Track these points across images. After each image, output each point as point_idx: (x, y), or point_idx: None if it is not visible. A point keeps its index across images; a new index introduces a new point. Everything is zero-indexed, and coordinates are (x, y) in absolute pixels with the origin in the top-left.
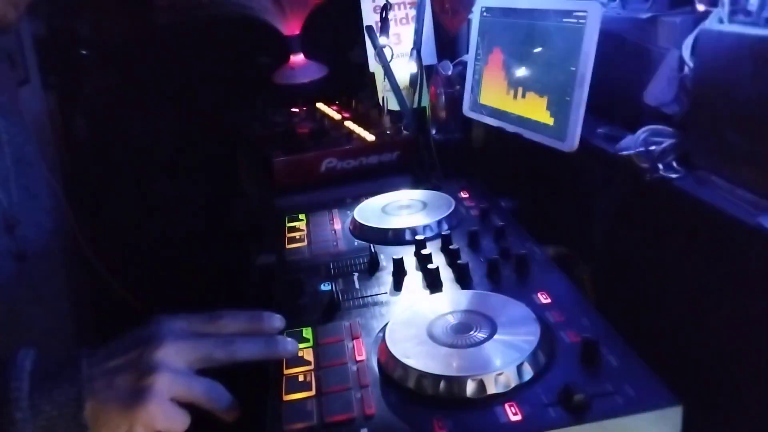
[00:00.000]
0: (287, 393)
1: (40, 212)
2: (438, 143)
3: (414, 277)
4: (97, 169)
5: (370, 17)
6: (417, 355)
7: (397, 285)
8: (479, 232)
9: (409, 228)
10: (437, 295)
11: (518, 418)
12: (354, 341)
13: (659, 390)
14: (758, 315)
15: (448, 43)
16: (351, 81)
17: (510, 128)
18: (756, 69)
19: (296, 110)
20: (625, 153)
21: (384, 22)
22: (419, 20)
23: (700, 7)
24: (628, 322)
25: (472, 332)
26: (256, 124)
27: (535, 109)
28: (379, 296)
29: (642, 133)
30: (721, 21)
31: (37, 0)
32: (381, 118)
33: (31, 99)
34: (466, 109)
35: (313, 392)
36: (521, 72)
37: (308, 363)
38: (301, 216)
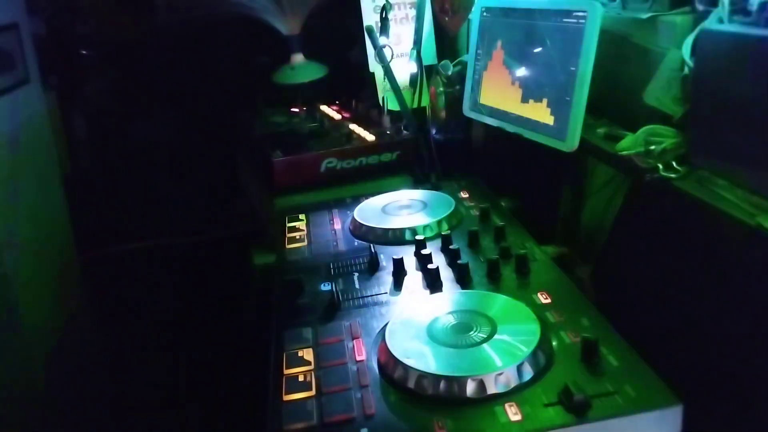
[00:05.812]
0: (287, 393)
1: None
2: (438, 143)
3: (414, 277)
4: (97, 169)
5: (370, 17)
6: (417, 355)
7: (397, 285)
8: (479, 232)
9: (409, 228)
10: (437, 295)
11: (518, 418)
12: (354, 341)
13: (659, 390)
14: (758, 314)
15: (448, 43)
16: (351, 81)
17: (510, 128)
18: (756, 69)
19: (296, 110)
20: (625, 153)
21: (384, 22)
22: (419, 20)
23: (700, 7)
24: (628, 322)
25: (472, 332)
26: (256, 124)
27: (536, 108)
28: (379, 296)
29: (642, 133)
30: (721, 21)
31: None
32: (381, 118)
33: (31, 99)
34: (466, 109)
35: (313, 392)
36: (521, 72)
37: (308, 363)
38: (301, 216)
